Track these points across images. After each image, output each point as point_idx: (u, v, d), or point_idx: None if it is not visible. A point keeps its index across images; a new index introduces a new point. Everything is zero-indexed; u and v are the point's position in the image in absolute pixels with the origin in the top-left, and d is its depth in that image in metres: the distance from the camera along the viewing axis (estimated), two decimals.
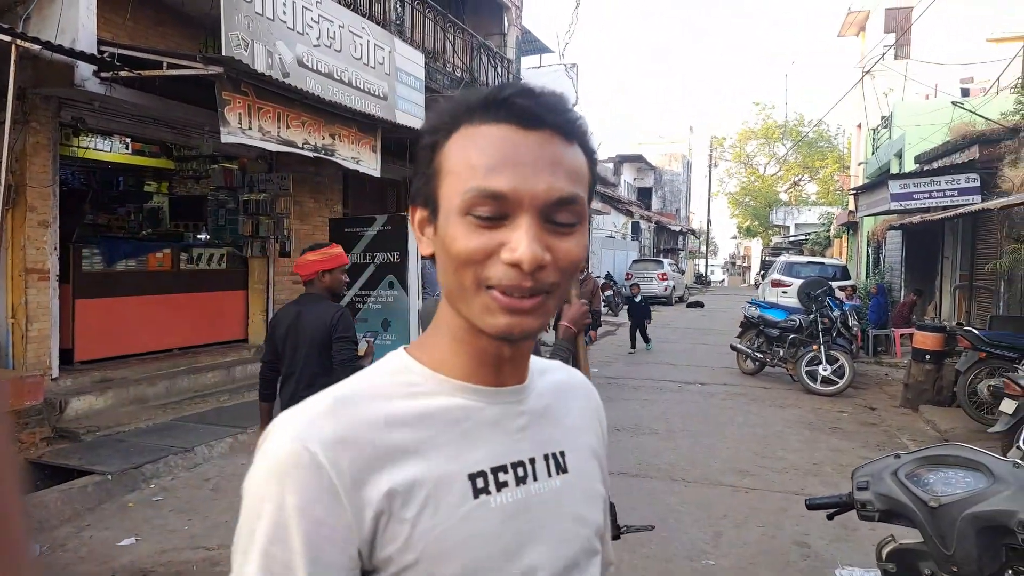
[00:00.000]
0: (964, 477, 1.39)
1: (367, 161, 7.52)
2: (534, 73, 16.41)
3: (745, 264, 65.07)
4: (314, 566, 0.59)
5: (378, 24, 8.34)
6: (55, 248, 5.74)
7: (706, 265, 45.33)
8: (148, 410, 6.03)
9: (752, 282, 47.68)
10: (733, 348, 9.88)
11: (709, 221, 44.82)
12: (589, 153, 0.71)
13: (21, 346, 5.51)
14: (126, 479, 4.65)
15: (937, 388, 7.40)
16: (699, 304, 23.44)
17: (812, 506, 1.60)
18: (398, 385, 0.70)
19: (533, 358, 0.82)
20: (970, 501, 1.33)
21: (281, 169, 8.16)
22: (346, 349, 3.22)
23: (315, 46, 6.97)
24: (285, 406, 3.20)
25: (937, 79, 16.62)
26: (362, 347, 3.54)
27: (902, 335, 11.44)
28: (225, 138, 5.35)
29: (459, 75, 10.73)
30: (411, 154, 9.11)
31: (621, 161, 33.25)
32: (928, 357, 7.48)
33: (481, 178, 0.64)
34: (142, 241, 7.93)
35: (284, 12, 6.49)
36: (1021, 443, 4.61)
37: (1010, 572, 1.31)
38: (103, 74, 5.23)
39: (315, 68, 6.98)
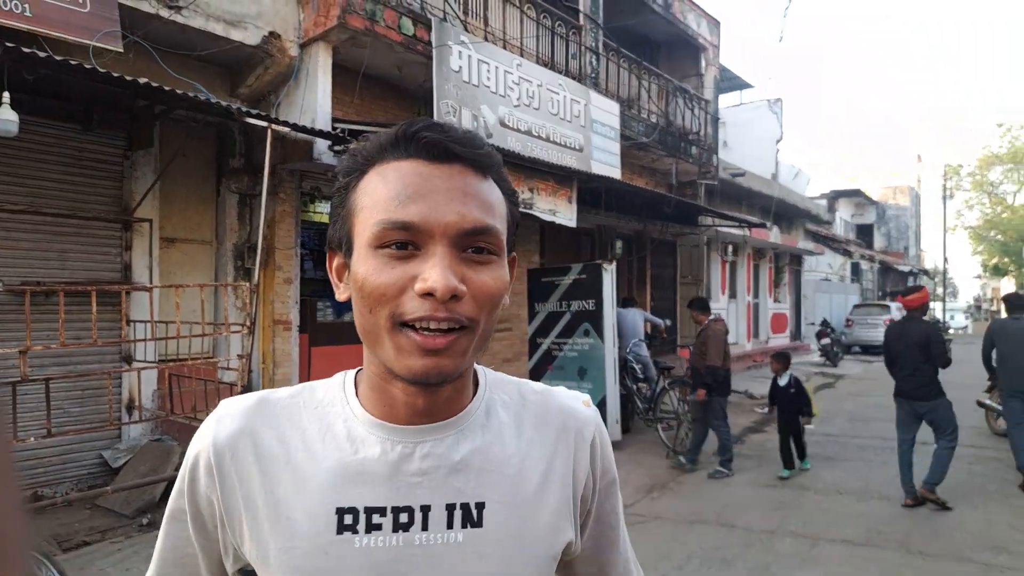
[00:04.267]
0: None
1: (563, 212, 7.65)
2: (734, 111, 15.77)
3: (993, 308, 55.90)
4: (193, 520, 0.72)
5: (574, 79, 8.57)
6: (296, 302, 6.53)
7: (943, 309, 39.51)
8: None
9: None
10: (981, 404, 8.32)
11: (945, 259, 39.22)
12: (506, 189, 0.70)
13: (268, 388, 6.29)
14: None
15: None
16: None
17: None
18: (320, 403, 0.73)
19: (533, 385, 0.80)
20: None
21: None
22: (936, 348, 5.25)
23: (515, 106, 7.32)
24: (901, 380, 5.51)
25: None
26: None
27: None
28: None
29: (654, 120, 10.62)
30: (606, 203, 9.13)
31: (835, 197, 30.47)
32: None
33: (392, 210, 0.64)
34: None
35: (488, 78, 6.92)
36: None
37: None
38: (335, 148, 5.92)
39: (515, 127, 7.32)
